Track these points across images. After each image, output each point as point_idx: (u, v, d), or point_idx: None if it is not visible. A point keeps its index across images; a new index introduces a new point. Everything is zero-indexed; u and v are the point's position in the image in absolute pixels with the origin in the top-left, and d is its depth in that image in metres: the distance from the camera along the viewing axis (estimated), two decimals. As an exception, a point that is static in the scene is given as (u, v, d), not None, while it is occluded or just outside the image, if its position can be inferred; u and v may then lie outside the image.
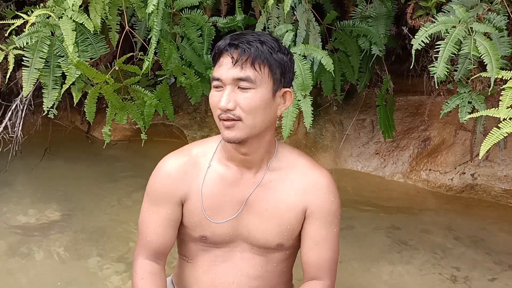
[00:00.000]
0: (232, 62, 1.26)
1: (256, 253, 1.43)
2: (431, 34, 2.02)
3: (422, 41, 1.99)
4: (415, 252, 2.38)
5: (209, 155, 1.41)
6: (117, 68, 2.54)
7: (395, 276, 2.22)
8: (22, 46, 2.45)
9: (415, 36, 2.01)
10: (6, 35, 2.53)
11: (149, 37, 2.51)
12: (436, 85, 2.03)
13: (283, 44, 1.36)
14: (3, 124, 2.80)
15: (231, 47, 1.26)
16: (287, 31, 2.37)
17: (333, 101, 3.15)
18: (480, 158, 1.51)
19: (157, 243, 1.42)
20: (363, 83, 2.95)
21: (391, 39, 2.80)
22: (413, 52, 2.00)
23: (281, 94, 1.33)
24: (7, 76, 2.53)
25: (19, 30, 2.52)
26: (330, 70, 2.37)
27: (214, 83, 1.29)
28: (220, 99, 1.27)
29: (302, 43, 2.43)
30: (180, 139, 3.47)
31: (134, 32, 2.69)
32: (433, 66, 1.97)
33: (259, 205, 1.39)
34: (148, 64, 2.43)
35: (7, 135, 2.83)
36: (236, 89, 1.27)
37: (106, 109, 2.71)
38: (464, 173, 2.95)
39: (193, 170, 1.40)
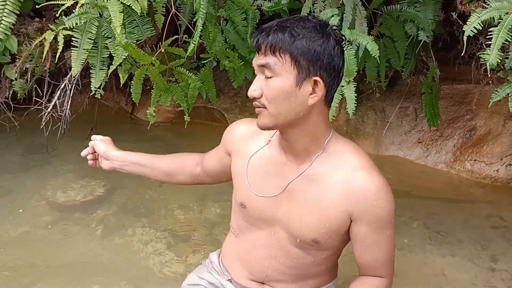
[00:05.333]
0: (258, 50, 1.26)
1: (293, 245, 1.42)
2: (483, 20, 1.95)
3: (474, 27, 1.93)
4: (455, 242, 2.35)
5: (271, 133, 1.44)
6: (162, 50, 2.57)
7: (434, 265, 2.20)
8: (71, 27, 2.50)
9: (467, 22, 1.94)
10: (57, 15, 2.60)
11: (194, 20, 2.53)
12: (488, 73, 1.96)
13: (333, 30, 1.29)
14: (52, 103, 2.89)
15: (256, 37, 1.27)
16: (332, 16, 2.34)
17: (376, 88, 3.10)
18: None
19: (205, 156, 1.68)
20: (409, 70, 2.88)
21: (438, 25, 2.73)
22: (464, 39, 1.94)
23: (312, 82, 1.25)
24: (57, 56, 2.61)
25: (67, 11, 2.58)
26: (375, 56, 2.33)
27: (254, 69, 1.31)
28: None
29: (348, 28, 2.40)
30: (220, 123, 3.50)
31: (180, 14, 2.71)
32: (484, 53, 1.91)
33: (300, 196, 1.37)
34: (194, 46, 2.45)
35: (56, 113, 2.92)
36: (263, 78, 1.26)
37: (151, 91, 2.76)
38: (511, 164, 2.86)
39: (254, 138, 1.47)
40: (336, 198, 1.33)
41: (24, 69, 2.88)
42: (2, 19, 2.60)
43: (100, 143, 1.76)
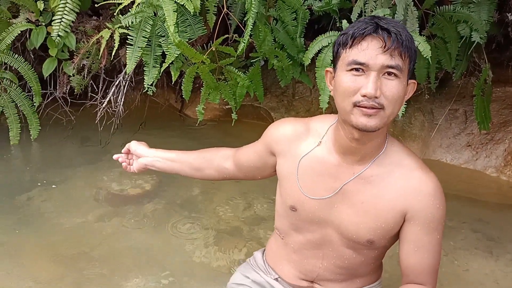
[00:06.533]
0: (382, 47, 1.19)
1: (345, 247, 1.42)
2: (541, 21, 1.91)
3: (531, 28, 1.89)
4: (504, 248, 2.30)
5: (321, 133, 1.42)
6: (214, 49, 2.63)
7: (482, 270, 2.17)
8: (127, 25, 2.59)
9: (524, 23, 1.90)
10: (115, 14, 2.69)
11: (245, 19, 2.58)
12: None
13: None
14: (107, 98, 3.00)
15: (384, 32, 1.19)
16: (384, 16, 2.33)
17: (425, 89, 3.06)
18: None
19: (239, 151, 1.62)
20: (460, 71, 2.83)
21: (493, 26, 2.67)
22: (520, 39, 1.91)
23: (407, 84, 1.27)
24: (113, 53, 2.71)
25: (124, 10, 2.68)
26: (427, 57, 2.31)
27: (353, 66, 1.21)
28: (363, 85, 1.20)
29: (399, 28, 2.38)
30: (266, 121, 3.53)
31: (230, 14, 2.76)
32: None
33: (355, 197, 1.36)
34: (244, 45, 2.49)
35: (110, 109, 3.03)
36: (380, 76, 1.20)
37: (200, 88, 2.83)
38: None
39: (303, 138, 1.43)
40: (393, 197, 1.33)
41: (81, 65, 3.01)
42: (63, 17, 2.73)
43: (134, 142, 1.80)
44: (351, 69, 1.22)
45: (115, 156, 1.83)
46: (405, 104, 2.37)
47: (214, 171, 1.68)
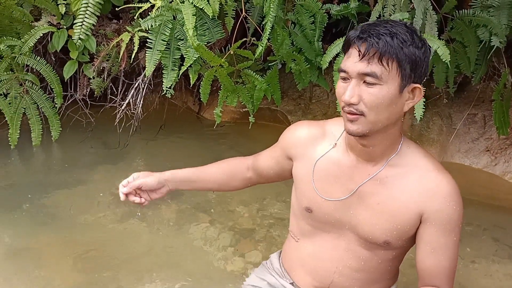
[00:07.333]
0: (359, 55, 1.20)
1: (362, 247, 1.42)
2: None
3: (552, 33, 1.87)
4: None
5: (336, 135, 1.43)
6: (232, 52, 2.65)
7: (499, 277, 2.14)
8: (147, 29, 2.63)
9: (545, 28, 1.89)
10: (135, 17, 2.73)
11: (263, 23, 2.59)
12: None
13: (419, 34, 1.26)
14: (126, 101, 3.03)
15: (359, 40, 1.20)
16: (403, 20, 2.33)
17: (444, 94, 3.04)
18: None
19: (258, 158, 1.64)
20: (479, 75, 2.81)
21: (513, 30, 2.66)
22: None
23: (410, 89, 1.25)
24: (132, 56, 2.74)
25: (143, 14, 2.71)
26: (446, 61, 2.30)
27: (341, 74, 1.26)
28: (344, 92, 1.24)
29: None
30: (283, 124, 3.54)
31: (248, 17, 2.78)
32: None
33: (371, 198, 1.37)
34: (262, 49, 2.51)
35: (129, 111, 3.06)
36: (362, 83, 1.22)
37: (218, 91, 2.85)
38: None
39: (318, 141, 1.45)
40: (409, 198, 1.33)
41: (101, 68, 3.05)
42: (84, 21, 2.77)
43: (147, 180, 1.60)
44: (341, 77, 1.27)
45: (122, 198, 1.60)
46: (423, 108, 2.37)
47: (238, 182, 1.70)
